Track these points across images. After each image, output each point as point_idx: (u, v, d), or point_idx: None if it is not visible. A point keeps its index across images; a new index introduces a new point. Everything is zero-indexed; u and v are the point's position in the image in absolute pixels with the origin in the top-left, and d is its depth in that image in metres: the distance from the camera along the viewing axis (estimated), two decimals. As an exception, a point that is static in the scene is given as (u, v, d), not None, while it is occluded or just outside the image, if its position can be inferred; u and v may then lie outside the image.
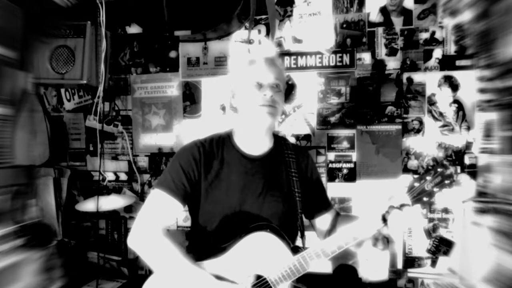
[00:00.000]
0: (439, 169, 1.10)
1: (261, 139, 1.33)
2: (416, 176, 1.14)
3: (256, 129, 1.29)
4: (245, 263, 1.16)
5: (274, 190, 1.29)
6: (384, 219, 1.10)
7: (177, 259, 1.15)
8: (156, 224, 1.20)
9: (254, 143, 1.33)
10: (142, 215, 1.23)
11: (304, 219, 1.40)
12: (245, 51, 2.39)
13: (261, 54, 1.32)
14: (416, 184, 1.11)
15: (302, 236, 1.36)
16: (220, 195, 1.26)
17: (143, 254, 1.18)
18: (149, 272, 1.24)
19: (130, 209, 2.57)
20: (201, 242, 1.29)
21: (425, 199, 1.10)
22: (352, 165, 2.31)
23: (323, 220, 1.40)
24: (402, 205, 1.09)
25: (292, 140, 2.36)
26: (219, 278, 1.14)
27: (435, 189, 1.10)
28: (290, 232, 1.27)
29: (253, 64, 1.29)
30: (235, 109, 1.37)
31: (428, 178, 1.10)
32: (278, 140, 1.41)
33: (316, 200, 1.40)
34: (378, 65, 2.26)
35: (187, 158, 1.27)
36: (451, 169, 1.10)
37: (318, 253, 1.14)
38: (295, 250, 1.18)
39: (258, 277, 1.16)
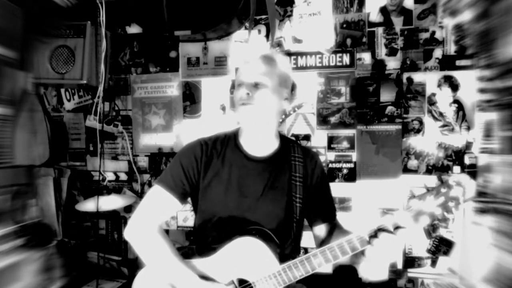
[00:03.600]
0: (442, 189, 0.98)
1: (263, 140, 1.30)
2: (418, 192, 1.02)
3: (244, 128, 1.29)
4: (230, 266, 1.17)
5: (273, 194, 1.26)
6: (371, 241, 1.00)
7: (166, 256, 1.17)
8: (152, 220, 1.23)
9: (257, 143, 1.29)
10: (140, 209, 1.25)
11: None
12: (244, 50, 2.39)
13: (258, 53, 1.29)
14: (415, 202, 0.98)
15: (297, 244, 1.32)
16: (217, 195, 1.25)
17: (136, 247, 1.22)
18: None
19: (130, 209, 2.56)
20: (200, 240, 1.30)
21: (425, 220, 0.97)
22: (352, 165, 2.31)
23: (320, 230, 1.35)
24: (396, 228, 0.98)
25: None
26: (204, 277, 1.15)
27: (438, 212, 0.97)
28: (283, 237, 1.24)
29: (246, 64, 1.27)
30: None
31: (429, 197, 0.97)
32: (286, 142, 1.37)
33: (316, 208, 1.34)
34: (378, 65, 2.26)
35: (188, 157, 1.28)
36: (457, 190, 0.97)
37: (304, 264, 1.11)
38: (283, 257, 1.16)
39: (242, 281, 1.16)
